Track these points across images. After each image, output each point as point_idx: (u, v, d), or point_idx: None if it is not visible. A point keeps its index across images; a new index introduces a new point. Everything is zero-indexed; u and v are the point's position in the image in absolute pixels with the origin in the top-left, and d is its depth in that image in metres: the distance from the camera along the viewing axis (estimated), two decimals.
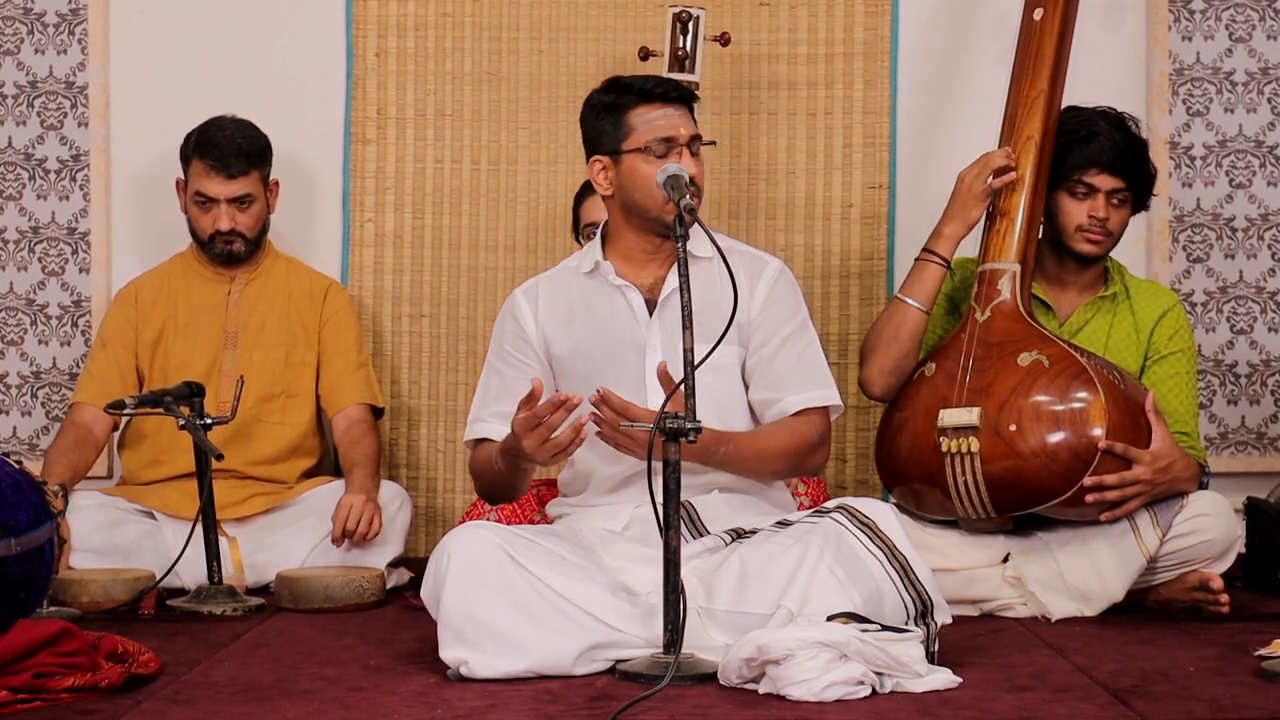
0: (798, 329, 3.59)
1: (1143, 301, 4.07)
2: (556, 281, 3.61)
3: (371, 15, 4.72)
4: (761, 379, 3.55)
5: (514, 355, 3.57)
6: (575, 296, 3.57)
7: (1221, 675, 3.17)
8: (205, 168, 4.32)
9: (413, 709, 2.89)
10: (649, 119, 3.47)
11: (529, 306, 3.58)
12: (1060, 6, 4.07)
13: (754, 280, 3.58)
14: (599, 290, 3.56)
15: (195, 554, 3.90)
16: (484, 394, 3.59)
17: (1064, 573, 3.81)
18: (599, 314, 3.54)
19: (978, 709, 2.90)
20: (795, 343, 3.57)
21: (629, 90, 3.51)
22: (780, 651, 2.94)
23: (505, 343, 3.59)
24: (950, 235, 3.99)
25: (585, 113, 3.57)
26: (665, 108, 3.48)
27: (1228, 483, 4.51)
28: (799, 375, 3.55)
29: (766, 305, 3.57)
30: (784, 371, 3.54)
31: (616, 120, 3.49)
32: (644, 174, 3.44)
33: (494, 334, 3.64)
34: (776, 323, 3.57)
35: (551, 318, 3.56)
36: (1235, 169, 4.75)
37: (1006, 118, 4.05)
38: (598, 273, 3.56)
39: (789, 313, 3.59)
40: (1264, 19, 4.72)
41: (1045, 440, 3.71)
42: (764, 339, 3.56)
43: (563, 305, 3.57)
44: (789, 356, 3.56)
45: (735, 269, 3.38)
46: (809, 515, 3.33)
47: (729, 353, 3.52)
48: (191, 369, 4.29)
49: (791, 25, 4.72)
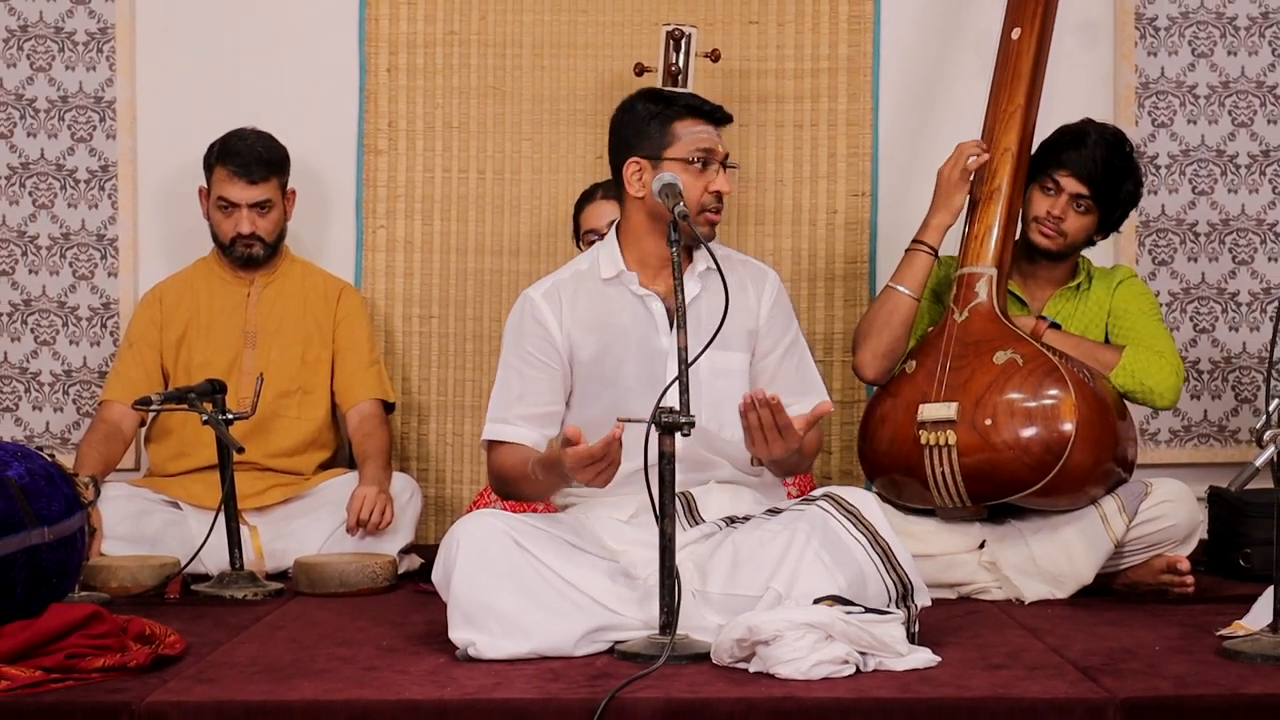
0: (795, 336, 3.64)
1: (1101, 282, 4.13)
2: (576, 286, 3.55)
3: (383, 33, 4.72)
4: (769, 385, 3.55)
5: (536, 356, 3.50)
6: (598, 303, 3.52)
7: (1185, 654, 3.17)
8: (228, 174, 4.32)
9: (423, 687, 2.89)
10: (695, 131, 3.47)
11: (552, 310, 3.51)
12: (1037, 26, 4.07)
13: (759, 289, 3.60)
14: (621, 298, 3.52)
15: (218, 541, 3.91)
16: (504, 393, 3.51)
17: (1036, 558, 3.82)
18: (622, 322, 3.51)
19: (955, 686, 2.90)
20: (795, 350, 3.62)
21: (678, 102, 3.52)
22: (770, 632, 2.95)
23: (527, 344, 3.51)
24: (937, 225, 4.01)
25: (624, 117, 3.53)
26: (708, 125, 3.49)
27: (1191, 472, 4.51)
28: (802, 381, 3.59)
29: (772, 313, 3.59)
30: (790, 378, 3.58)
31: (663, 127, 3.48)
32: (683, 182, 3.43)
33: (510, 334, 3.55)
34: (780, 330, 3.60)
35: (576, 324, 3.51)
36: (1198, 177, 4.75)
37: (985, 131, 4.06)
38: (618, 280, 3.54)
39: (788, 321, 3.64)
40: (1224, 36, 4.73)
41: (1018, 434, 3.72)
42: (770, 345, 3.58)
43: (586, 312, 3.52)
44: (792, 364, 3.60)
45: (741, 277, 3.46)
46: (797, 503, 3.34)
47: (738, 358, 3.54)
48: (213, 367, 4.29)
49: (779, 42, 4.72)
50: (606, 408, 3.45)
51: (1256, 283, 4.75)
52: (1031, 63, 4.05)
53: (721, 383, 3.49)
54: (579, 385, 3.52)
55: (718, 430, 3.50)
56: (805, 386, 3.59)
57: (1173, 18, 4.72)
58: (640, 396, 3.31)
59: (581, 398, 3.53)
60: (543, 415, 3.50)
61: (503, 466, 3.47)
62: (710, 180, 3.45)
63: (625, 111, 3.53)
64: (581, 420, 3.50)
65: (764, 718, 2.79)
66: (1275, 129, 4.73)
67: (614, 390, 3.49)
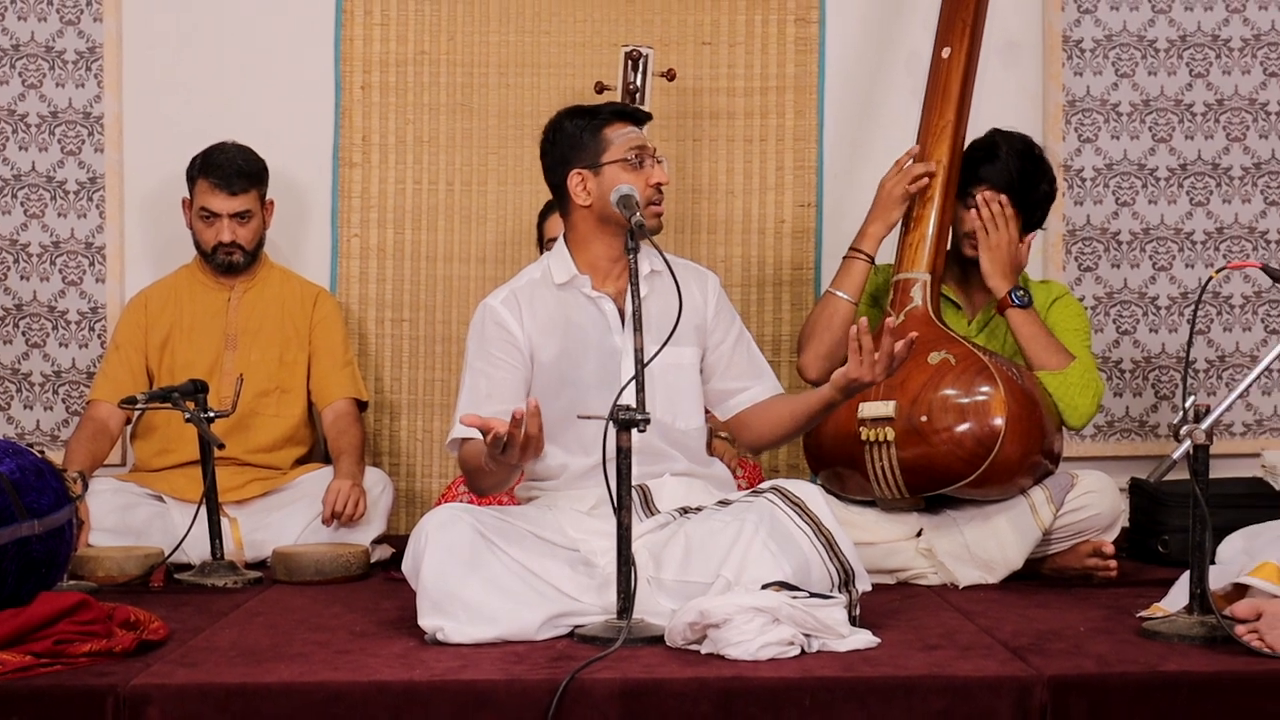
0: (740, 327, 3.67)
1: (1037, 295, 4.11)
2: (531, 293, 3.53)
3: (358, 53, 4.70)
4: (725, 373, 3.61)
5: (502, 359, 3.47)
6: (554, 307, 3.51)
7: (1107, 634, 3.19)
8: (210, 186, 4.30)
9: (393, 669, 2.88)
10: (624, 133, 3.48)
11: (512, 315, 3.49)
12: (965, 46, 4.09)
13: (704, 288, 3.62)
14: (575, 301, 3.51)
15: (200, 533, 3.88)
16: (472, 395, 3.47)
17: (970, 545, 3.83)
18: (578, 324, 3.50)
19: (894, 665, 2.91)
20: (744, 340, 3.66)
21: (602, 111, 3.52)
22: (720, 616, 2.95)
23: (491, 347, 3.48)
24: (874, 234, 4.02)
25: (555, 136, 3.52)
26: (633, 125, 3.51)
27: (1114, 465, 4.53)
28: (754, 367, 3.64)
29: (718, 310, 3.62)
30: (743, 367, 3.62)
31: (594, 136, 3.47)
32: (625, 180, 3.44)
33: (474, 340, 3.52)
34: (727, 323, 3.63)
35: (536, 328, 3.49)
36: (1120, 189, 4.77)
37: (918, 144, 4.07)
38: (571, 284, 3.53)
39: (733, 314, 3.67)
40: (1145, 57, 4.75)
41: (952, 429, 3.73)
42: (721, 337, 3.60)
43: (544, 316, 3.51)
44: (743, 353, 3.63)
45: (686, 279, 3.45)
46: (746, 495, 3.34)
47: (689, 353, 3.55)
48: (196, 368, 4.27)
49: (730, 62, 4.73)
50: (565, 406, 3.44)
51: (1175, 288, 4.78)
52: (961, 80, 4.06)
53: (673, 377, 3.51)
54: (539, 385, 3.50)
55: (672, 421, 3.50)
56: (758, 371, 3.63)
57: (1097, 40, 4.74)
58: (597, 393, 3.31)
59: (541, 397, 3.50)
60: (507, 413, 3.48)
61: (465, 461, 3.45)
62: (649, 174, 3.45)
63: (555, 131, 3.53)
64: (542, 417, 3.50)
65: (715, 696, 2.79)
66: (1192, 144, 4.76)
67: (573, 389, 3.48)
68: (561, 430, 3.44)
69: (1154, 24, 4.75)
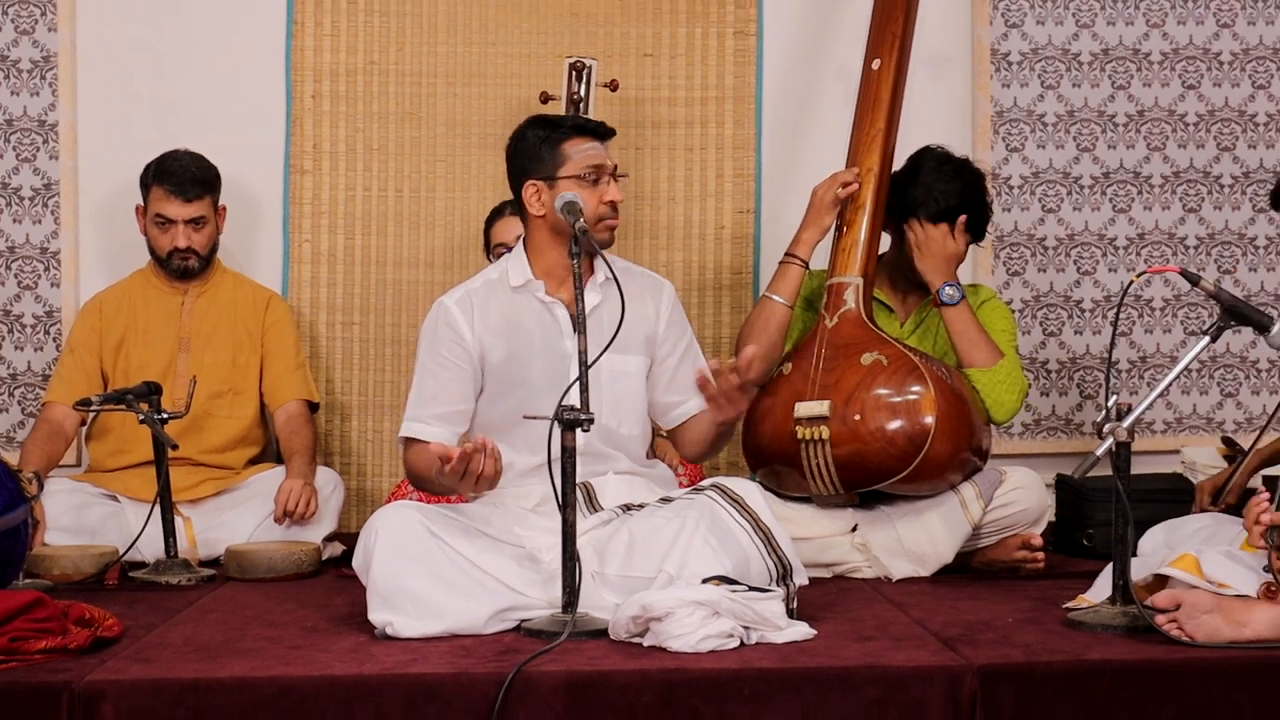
0: (690, 341, 3.65)
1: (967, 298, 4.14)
2: (486, 294, 3.52)
3: (308, 63, 4.68)
4: (669, 384, 3.58)
5: (449, 359, 3.47)
6: (507, 309, 3.51)
7: (1034, 624, 3.21)
8: (164, 193, 4.27)
9: (344, 664, 2.87)
10: (583, 149, 3.46)
11: (464, 316, 3.48)
12: (894, 57, 4.11)
13: (658, 299, 3.60)
14: (528, 304, 3.51)
15: (154, 532, 3.86)
16: (419, 394, 3.48)
17: (902, 539, 3.85)
18: (529, 327, 3.50)
19: (830, 656, 2.92)
20: (691, 353, 3.63)
21: (564, 124, 3.50)
22: (662, 610, 2.95)
23: (440, 348, 3.48)
24: (807, 240, 4.03)
25: (517, 145, 3.51)
26: (595, 141, 3.48)
27: (1040, 461, 4.56)
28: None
29: (670, 321, 3.60)
30: (685, 380, 3.58)
31: (553, 150, 3.46)
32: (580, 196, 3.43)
33: (425, 339, 3.52)
34: (677, 336, 3.61)
35: (487, 328, 3.49)
36: (1046, 196, 4.81)
37: (851, 152, 4.09)
38: (526, 289, 3.52)
39: (684, 327, 3.64)
40: (1069, 69, 4.80)
41: (885, 427, 3.74)
42: (669, 350, 3.59)
43: (496, 317, 3.50)
44: (689, 365, 3.60)
45: (640, 289, 3.48)
46: (688, 493, 3.34)
47: (636, 362, 3.54)
48: (150, 370, 4.24)
49: (671, 73, 4.74)
50: (514, 406, 3.45)
51: (1098, 291, 4.82)
52: (890, 91, 4.08)
53: (620, 384, 3.51)
54: (489, 385, 3.50)
55: (616, 427, 3.51)
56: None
57: (1024, 53, 4.78)
58: (546, 395, 3.30)
59: (492, 396, 3.52)
60: (453, 414, 3.49)
61: (415, 465, 3.45)
62: (604, 192, 3.44)
63: (518, 140, 3.52)
64: (492, 417, 3.51)
65: (657, 687, 2.79)
66: (1114, 153, 4.81)
67: (521, 390, 3.48)
68: (509, 429, 3.45)
69: (1078, 38, 4.80)
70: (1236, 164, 4.84)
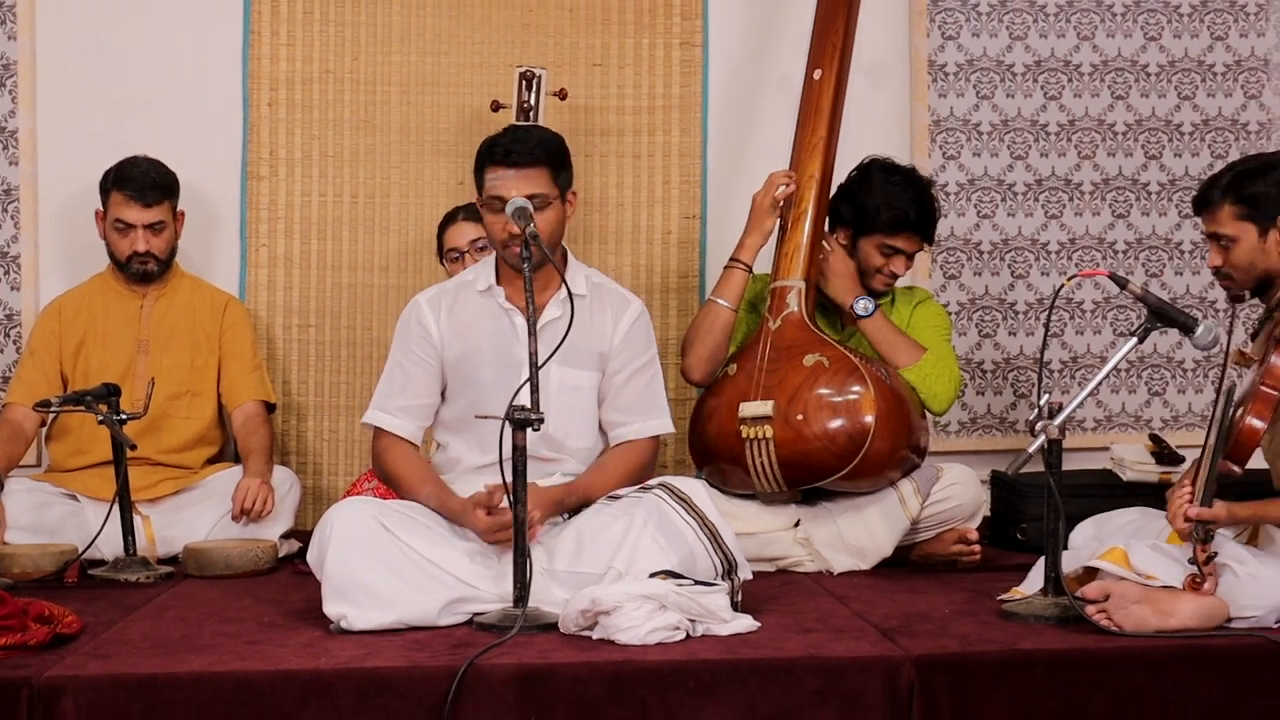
0: (647, 363, 3.60)
1: (902, 300, 4.18)
2: (456, 295, 3.55)
3: (265, 71, 4.65)
4: (612, 402, 3.56)
5: (417, 354, 3.51)
6: (471, 311, 3.52)
7: (970, 615, 3.23)
8: (124, 198, 4.24)
9: (300, 658, 2.86)
10: (492, 178, 3.45)
11: (433, 313, 3.52)
12: (835, 68, 4.13)
13: (619, 316, 3.58)
14: (490, 309, 3.52)
15: (113, 530, 3.82)
16: (389, 385, 3.52)
17: (843, 534, 3.86)
18: (488, 330, 3.50)
19: (773, 648, 2.93)
20: (642, 375, 3.58)
21: (483, 151, 3.49)
22: (610, 604, 2.96)
23: (410, 342, 3.52)
24: (751, 245, 4.04)
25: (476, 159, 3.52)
26: (505, 170, 3.41)
27: (976, 458, 4.59)
28: (641, 405, 3.56)
29: (626, 340, 3.57)
30: (630, 400, 3.55)
31: (480, 173, 3.48)
32: (488, 221, 3.46)
33: (398, 333, 3.55)
34: (630, 355, 3.57)
35: (451, 327, 3.51)
36: (982, 203, 4.84)
37: (793, 159, 4.10)
38: (490, 293, 3.52)
39: (642, 348, 3.60)
40: (1004, 80, 4.83)
41: (826, 426, 3.76)
42: (619, 368, 3.56)
43: (460, 318, 3.52)
44: (636, 387, 3.57)
45: (604, 304, 3.46)
46: (635, 491, 3.35)
47: (588, 376, 3.53)
48: (109, 372, 4.20)
49: (619, 83, 4.74)
50: (467, 405, 3.46)
51: (1031, 294, 4.86)
52: (831, 100, 4.10)
53: (570, 397, 3.50)
54: (449, 382, 3.53)
55: (564, 438, 3.51)
56: (647, 407, 3.57)
57: (960, 64, 4.81)
58: (499, 398, 3.29)
59: (450, 394, 3.54)
60: (418, 407, 3.51)
61: (395, 469, 3.45)
62: (505, 221, 3.37)
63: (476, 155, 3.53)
64: (448, 415, 3.52)
65: (606, 679, 2.79)
66: (1046, 161, 4.84)
67: (473, 390, 3.49)
68: (463, 428, 3.46)
69: (1012, 50, 4.83)
70: (1163, 172, 4.88)
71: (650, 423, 3.56)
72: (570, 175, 3.53)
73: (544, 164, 3.44)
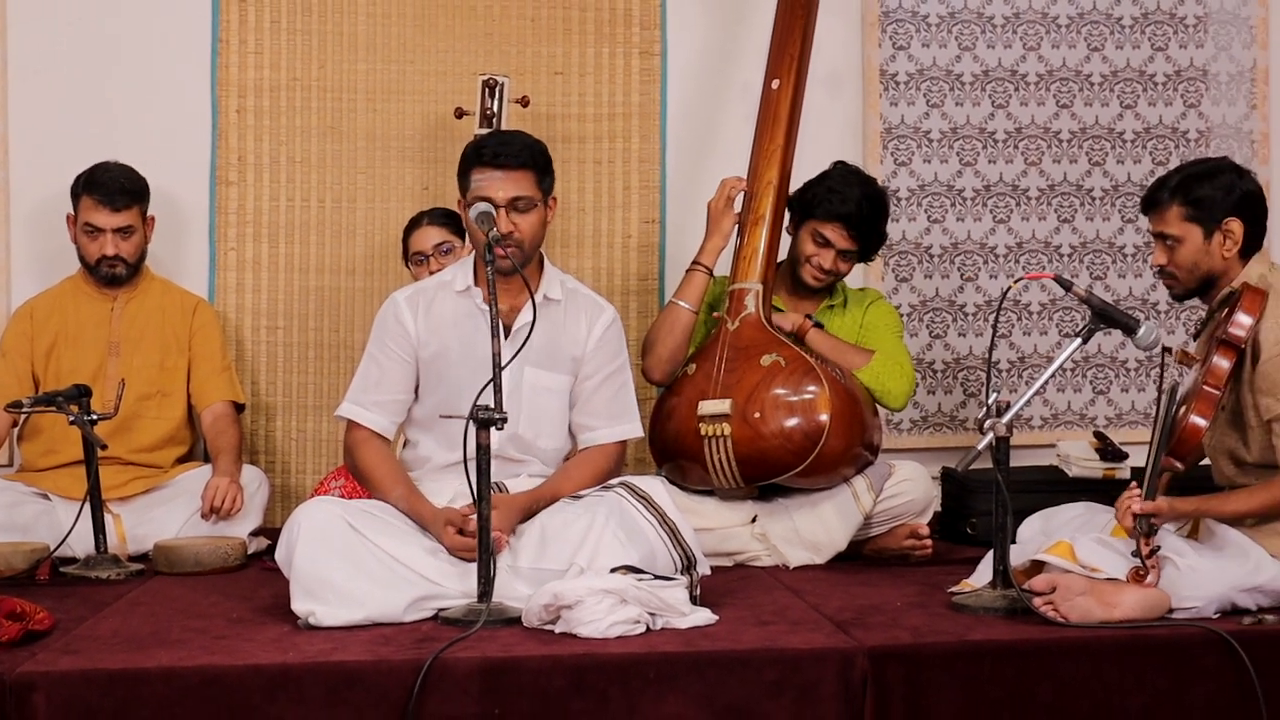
0: (618, 369, 3.59)
1: (855, 301, 4.19)
2: (434, 294, 3.53)
3: (233, 79, 4.62)
4: (583, 406, 3.55)
5: (394, 350, 3.49)
6: (447, 311, 3.51)
7: (921, 608, 3.24)
8: (94, 202, 4.20)
9: (268, 653, 2.84)
10: (476, 180, 3.44)
11: (410, 311, 3.50)
12: (793, 78, 4.13)
13: (592, 322, 3.57)
14: (466, 309, 3.50)
15: (84, 528, 3.78)
16: (364, 379, 3.50)
17: (799, 529, 3.87)
18: (463, 330, 3.49)
19: (731, 640, 2.93)
20: (613, 381, 3.57)
21: (470, 151, 3.48)
22: (572, 598, 2.95)
23: (388, 339, 3.50)
24: (711, 248, 4.04)
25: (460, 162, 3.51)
26: (493, 171, 3.41)
27: (927, 455, 4.61)
28: (611, 410, 3.55)
29: (598, 345, 3.56)
30: (599, 405, 3.55)
31: (466, 175, 3.47)
32: (471, 223, 3.43)
33: (376, 329, 3.53)
34: (602, 361, 3.56)
35: (427, 325, 3.49)
36: (932, 208, 4.86)
37: (751, 166, 4.11)
38: (467, 294, 3.51)
39: (613, 354, 3.58)
40: (953, 89, 4.85)
41: (782, 425, 3.76)
42: (591, 371, 3.55)
43: (436, 316, 3.50)
44: (607, 392, 3.56)
45: (578, 309, 3.46)
46: (597, 490, 3.35)
47: (560, 380, 3.52)
48: (80, 374, 4.16)
49: (580, 91, 4.73)
50: (438, 403, 3.45)
51: (980, 296, 4.88)
52: (789, 109, 4.11)
53: (542, 400, 3.50)
54: (422, 380, 3.52)
55: (533, 439, 3.50)
56: (617, 412, 3.56)
57: (910, 74, 4.83)
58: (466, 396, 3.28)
59: (422, 392, 3.54)
60: (392, 402, 3.49)
61: (368, 467, 3.42)
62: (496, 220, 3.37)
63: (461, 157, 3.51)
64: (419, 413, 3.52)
65: (568, 672, 2.79)
66: (994, 167, 4.87)
67: (443, 388, 3.48)
68: (432, 425, 3.45)
69: (960, 60, 4.85)
70: (1107, 178, 4.92)
71: (618, 428, 3.55)
72: (552, 181, 3.53)
73: (530, 167, 3.45)
